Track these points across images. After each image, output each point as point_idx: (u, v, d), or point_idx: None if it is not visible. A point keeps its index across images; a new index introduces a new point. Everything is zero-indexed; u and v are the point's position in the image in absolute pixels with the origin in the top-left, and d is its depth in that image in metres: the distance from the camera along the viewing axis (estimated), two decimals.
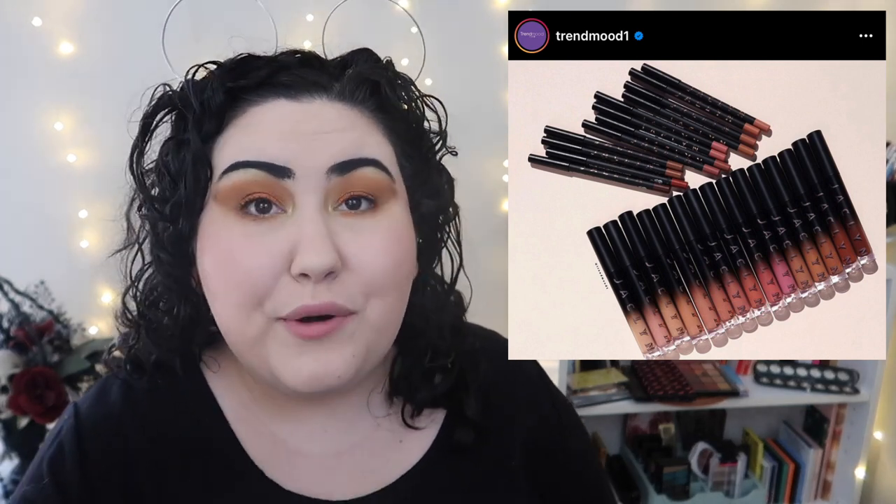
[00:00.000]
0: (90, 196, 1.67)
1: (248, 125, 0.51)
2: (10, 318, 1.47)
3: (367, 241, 0.50)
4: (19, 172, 1.66)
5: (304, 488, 0.57)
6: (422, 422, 0.61)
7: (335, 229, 0.49)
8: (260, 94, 0.51)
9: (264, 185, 0.48)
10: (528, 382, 0.68)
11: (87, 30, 1.60)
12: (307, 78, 0.52)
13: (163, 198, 0.53)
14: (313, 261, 0.47)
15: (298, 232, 0.48)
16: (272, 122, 0.50)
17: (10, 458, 1.50)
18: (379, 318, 0.51)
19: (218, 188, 0.50)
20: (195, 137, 0.51)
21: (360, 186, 0.50)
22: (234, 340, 0.52)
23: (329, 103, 0.51)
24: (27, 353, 1.44)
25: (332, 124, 0.50)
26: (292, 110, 0.50)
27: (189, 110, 0.52)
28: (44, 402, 1.39)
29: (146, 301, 0.58)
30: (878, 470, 1.98)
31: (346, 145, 0.50)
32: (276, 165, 0.48)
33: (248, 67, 0.52)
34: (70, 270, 1.66)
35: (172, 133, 0.54)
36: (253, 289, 0.48)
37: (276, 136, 0.49)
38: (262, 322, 0.49)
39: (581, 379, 1.84)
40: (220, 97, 0.51)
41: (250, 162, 0.49)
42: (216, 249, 0.50)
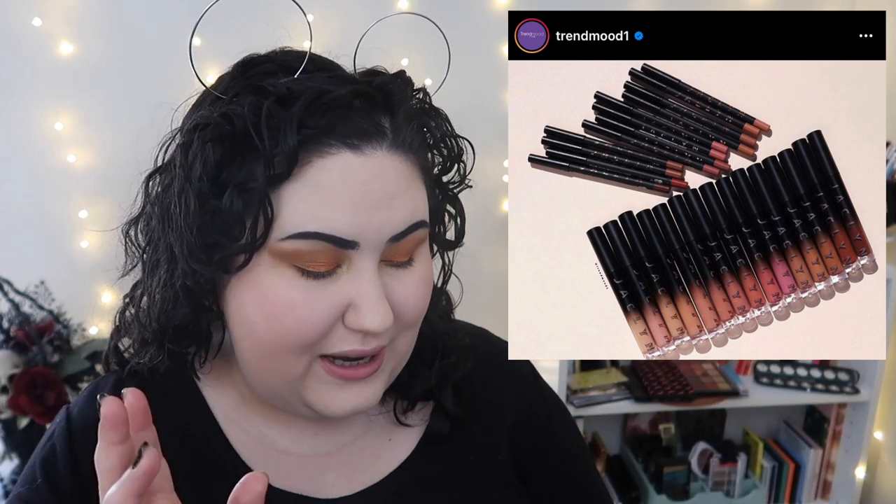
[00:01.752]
0: (90, 196, 1.67)
1: (316, 183, 0.47)
2: (10, 318, 1.47)
3: (409, 287, 0.52)
4: (19, 172, 1.66)
5: (293, 486, 0.58)
6: (413, 419, 0.62)
7: (384, 281, 0.50)
8: (324, 144, 0.47)
9: (328, 254, 0.48)
10: (517, 379, 0.68)
11: (87, 30, 1.60)
12: (365, 125, 0.49)
13: (213, 243, 0.48)
14: (377, 321, 0.49)
15: (357, 290, 0.49)
16: (340, 185, 0.47)
17: (10, 458, 1.50)
18: (406, 346, 0.55)
19: (279, 246, 0.47)
20: (262, 180, 0.46)
21: (411, 246, 0.52)
22: (267, 379, 0.53)
23: (389, 156, 0.49)
24: (27, 353, 1.44)
25: (394, 185, 0.49)
26: (357, 168, 0.48)
27: (247, 148, 0.47)
28: (44, 402, 1.39)
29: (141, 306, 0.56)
30: (878, 470, 1.98)
31: (406, 213, 0.50)
32: (345, 240, 0.48)
33: (322, 105, 0.48)
34: (70, 270, 1.66)
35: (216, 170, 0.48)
36: (311, 337, 0.49)
37: (345, 207, 0.47)
38: (306, 362, 0.51)
39: (581, 379, 1.84)
40: (294, 142, 0.46)
41: (320, 234, 0.47)
42: (270, 300, 0.48)
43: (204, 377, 0.60)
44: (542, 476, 0.66)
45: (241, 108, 0.47)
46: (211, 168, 0.47)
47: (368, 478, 0.59)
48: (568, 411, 0.72)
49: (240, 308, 0.50)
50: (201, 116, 0.48)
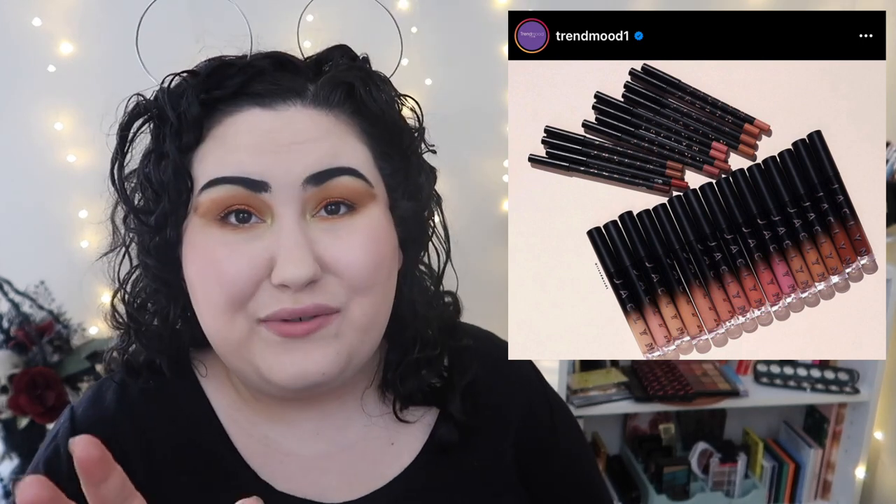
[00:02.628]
0: (90, 196, 1.66)
1: (224, 137, 0.51)
2: (10, 318, 1.47)
3: (347, 243, 0.50)
4: (19, 172, 1.66)
5: (296, 489, 0.57)
6: (413, 415, 0.61)
7: (314, 236, 0.50)
8: (235, 104, 0.51)
9: (242, 198, 0.49)
10: (522, 383, 0.67)
11: (87, 30, 1.60)
12: (281, 84, 0.52)
13: (147, 209, 0.53)
14: (292, 273, 0.48)
15: (277, 242, 0.49)
16: (247, 133, 0.50)
17: (10, 458, 1.50)
18: (363, 316, 0.52)
19: (199, 202, 0.50)
20: (174, 150, 0.51)
21: (337, 194, 0.51)
22: (219, 344, 0.53)
23: (303, 110, 0.51)
24: (27, 353, 1.44)
25: (305, 133, 0.50)
26: (266, 119, 0.50)
27: (165, 122, 0.52)
28: (44, 402, 1.39)
29: (135, 303, 0.58)
30: (878, 470, 1.98)
31: (321, 155, 0.50)
32: (252, 180, 0.49)
33: (223, 76, 0.52)
34: (70, 270, 1.65)
35: (152, 145, 0.53)
36: (234, 294, 0.49)
37: (250, 150, 0.49)
38: (245, 325, 0.50)
39: (581, 379, 1.84)
40: (195, 109, 0.51)
41: (227, 178, 0.49)
42: (198, 258, 0.51)
43: (206, 378, 0.60)
44: (545, 478, 0.66)
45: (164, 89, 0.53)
46: (151, 143, 0.53)
47: (372, 482, 0.59)
48: (571, 412, 0.72)
49: (187, 276, 0.52)
50: (137, 97, 0.54)
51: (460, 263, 0.63)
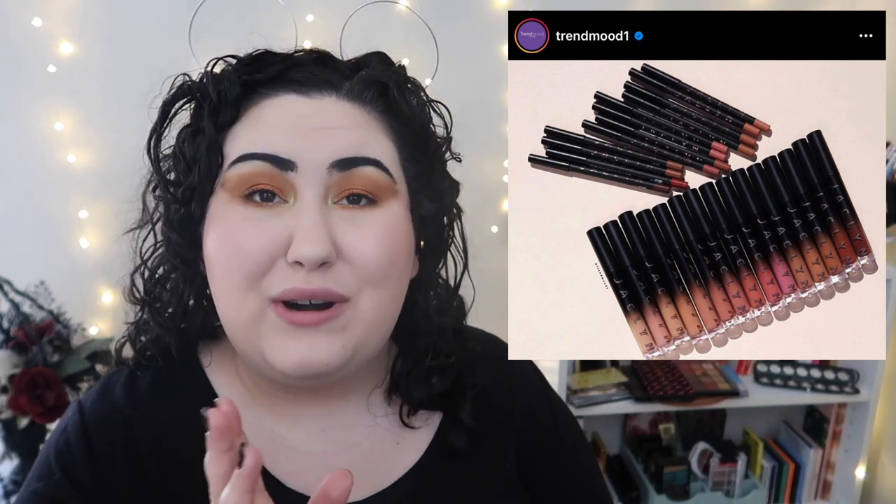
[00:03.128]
0: (90, 196, 1.67)
1: (258, 118, 0.53)
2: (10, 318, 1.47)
3: (364, 232, 0.52)
4: (19, 172, 1.66)
5: (303, 486, 0.58)
6: (418, 421, 0.61)
7: (333, 221, 0.51)
8: (273, 88, 0.54)
9: (269, 176, 0.51)
10: (525, 386, 0.68)
11: (87, 30, 1.60)
12: (319, 76, 0.54)
13: (177, 182, 0.55)
14: (309, 250, 0.49)
15: (297, 221, 0.50)
16: (280, 116, 0.53)
17: (10, 458, 1.50)
18: (372, 309, 0.53)
19: (227, 177, 0.52)
20: (210, 126, 0.53)
21: (360, 184, 0.52)
22: (229, 322, 0.54)
23: (337, 101, 0.54)
24: (27, 353, 1.44)
25: (337, 121, 0.53)
26: (301, 105, 0.53)
27: (206, 100, 0.54)
28: (44, 402, 1.39)
29: (153, 279, 0.60)
30: (878, 470, 1.98)
31: (349, 143, 0.52)
32: (280, 158, 0.51)
33: (265, 62, 0.55)
34: (70, 270, 1.66)
35: (190, 121, 0.56)
36: (250, 268, 0.50)
37: (282, 130, 0.52)
38: (256, 304, 0.51)
39: (581, 379, 1.84)
40: (236, 89, 0.54)
41: (257, 154, 0.51)
42: (219, 231, 0.52)
43: (212, 371, 0.61)
44: (545, 478, 0.66)
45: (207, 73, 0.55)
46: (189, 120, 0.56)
47: (377, 482, 0.59)
48: (571, 413, 0.72)
49: (207, 251, 0.53)
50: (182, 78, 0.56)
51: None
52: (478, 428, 0.61)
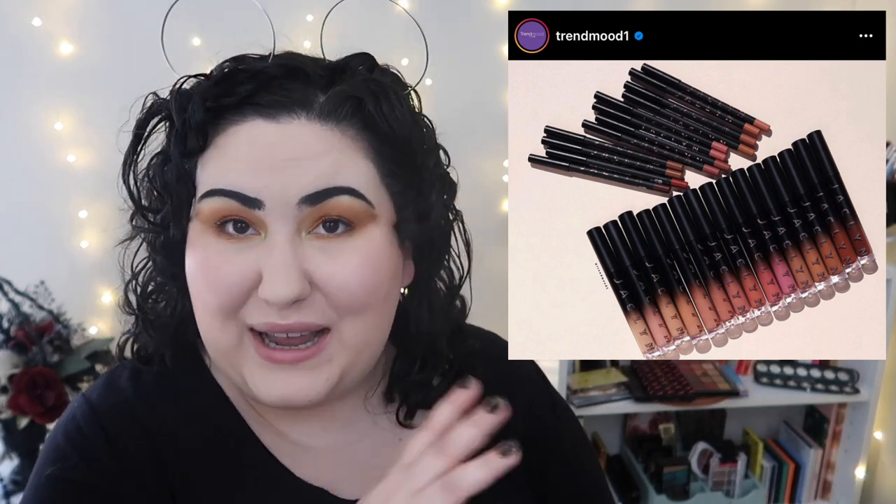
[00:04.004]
0: (90, 196, 1.67)
1: (225, 147, 0.51)
2: (10, 318, 1.47)
3: (341, 263, 0.50)
4: (19, 172, 1.66)
5: (312, 478, 0.58)
6: (416, 421, 0.61)
7: (306, 254, 0.49)
8: (240, 113, 0.51)
9: (237, 212, 0.49)
10: (526, 384, 0.68)
11: (87, 30, 1.60)
12: (290, 95, 0.51)
13: (153, 208, 0.55)
14: (277, 291, 0.48)
15: (266, 258, 0.49)
16: (246, 146, 0.50)
17: (10, 458, 1.50)
18: (355, 336, 0.52)
19: (199, 208, 0.51)
20: (177, 155, 0.52)
21: (335, 213, 0.50)
22: (211, 347, 0.54)
23: (307, 124, 0.50)
24: (27, 353, 1.44)
25: (306, 149, 0.49)
26: (268, 132, 0.50)
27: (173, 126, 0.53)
28: (44, 402, 1.39)
29: (145, 294, 0.59)
30: (878, 470, 1.98)
31: (319, 174, 0.49)
32: (247, 196, 0.49)
33: (232, 82, 0.51)
34: (70, 270, 1.66)
35: (163, 146, 0.54)
36: (224, 302, 0.50)
37: (248, 165, 0.49)
38: (235, 331, 0.51)
39: (581, 379, 1.84)
40: (200, 115, 0.51)
41: (223, 190, 0.49)
42: (196, 260, 0.51)
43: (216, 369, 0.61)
44: (548, 478, 0.66)
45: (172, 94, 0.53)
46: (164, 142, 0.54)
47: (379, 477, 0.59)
48: (573, 412, 0.72)
49: (187, 270, 0.53)
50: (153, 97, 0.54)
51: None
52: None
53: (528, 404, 0.66)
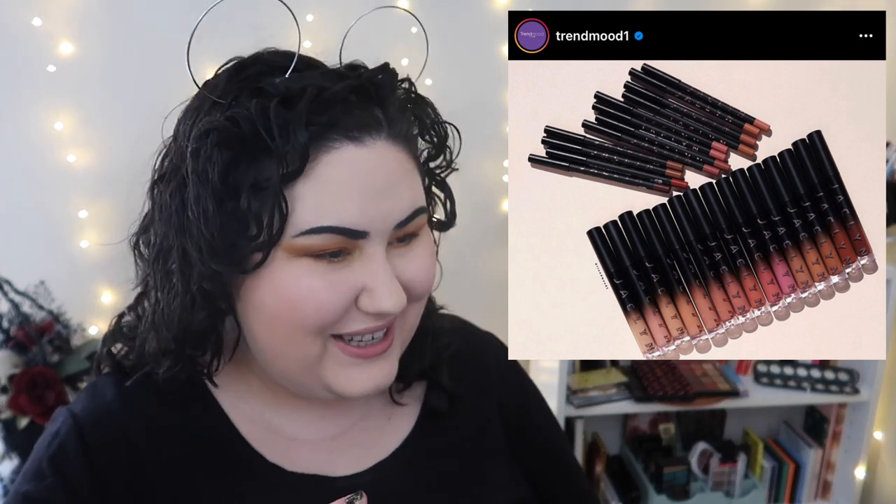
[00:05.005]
0: (90, 196, 1.67)
1: (322, 178, 0.49)
2: (10, 318, 1.47)
3: (415, 263, 0.54)
4: (19, 172, 1.66)
5: (306, 468, 0.60)
6: (406, 398, 0.65)
7: (394, 262, 0.53)
8: (328, 139, 0.49)
9: (341, 244, 0.50)
10: (496, 361, 0.71)
11: (87, 30, 1.60)
12: (364, 112, 0.51)
13: (229, 245, 0.50)
14: (391, 305, 0.51)
15: (370, 275, 0.51)
16: (348, 177, 0.49)
17: (10, 458, 1.50)
18: (414, 318, 0.58)
19: (294, 243, 0.49)
20: (276, 182, 0.48)
21: (412, 230, 0.54)
22: (286, 364, 0.54)
23: (387, 146, 0.52)
24: (27, 353, 1.44)
25: (395, 175, 0.52)
26: (361, 159, 0.50)
27: (260, 147, 0.48)
28: (44, 402, 1.39)
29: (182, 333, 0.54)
30: (878, 470, 1.98)
31: (408, 200, 0.53)
32: (356, 231, 0.50)
33: (321, 103, 0.49)
34: (70, 270, 1.66)
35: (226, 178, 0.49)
36: (326, 320, 0.51)
37: (353, 198, 0.49)
38: (321, 343, 0.53)
39: (581, 379, 1.84)
40: (304, 138, 0.48)
41: (331, 227, 0.49)
42: (290, 291, 0.50)
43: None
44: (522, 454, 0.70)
45: (247, 111, 0.48)
46: (222, 171, 0.49)
47: (376, 455, 0.62)
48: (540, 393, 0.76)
49: (259, 304, 0.52)
50: (208, 122, 0.49)
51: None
52: (456, 389, 0.66)
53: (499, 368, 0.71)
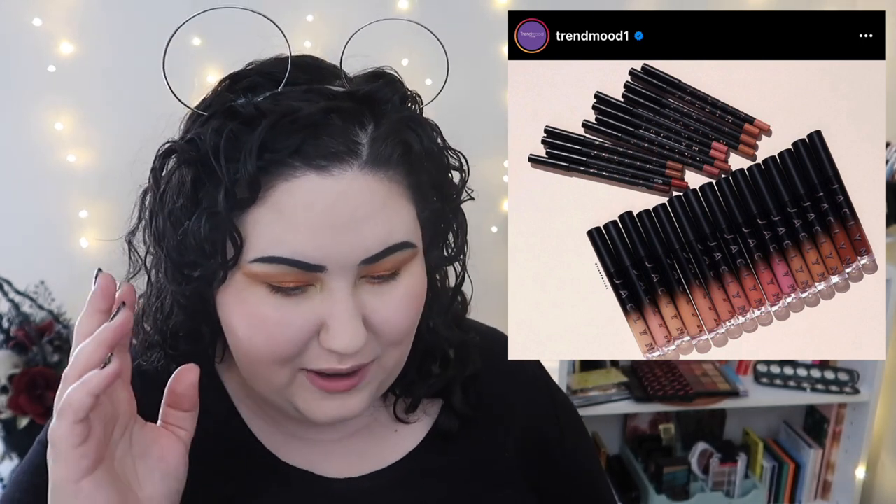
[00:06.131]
0: (90, 196, 1.67)
1: (279, 206, 0.47)
2: (10, 318, 1.47)
3: (390, 304, 0.51)
4: (19, 172, 1.66)
5: (305, 464, 0.60)
6: (415, 416, 0.62)
7: (362, 300, 0.50)
8: (290, 166, 0.47)
9: (298, 276, 0.48)
10: (528, 381, 0.68)
11: (87, 30, 1.60)
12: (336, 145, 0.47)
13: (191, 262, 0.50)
14: (347, 343, 0.49)
15: (329, 310, 0.49)
16: (305, 209, 0.47)
17: (10, 458, 1.50)
18: (394, 362, 0.55)
19: (249, 269, 0.48)
20: (225, 209, 0.47)
21: (389, 267, 0.50)
22: (257, 384, 0.54)
23: (360, 175, 0.48)
24: (27, 353, 1.44)
25: (363, 208, 0.48)
26: (325, 192, 0.47)
27: (209, 173, 0.48)
28: (44, 402, 1.39)
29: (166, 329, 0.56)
30: (878, 470, 1.98)
31: (378, 234, 0.48)
32: (309, 264, 0.47)
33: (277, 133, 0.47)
34: (70, 270, 1.66)
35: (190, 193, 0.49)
36: (283, 354, 0.50)
37: (309, 230, 0.47)
38: (289, 373, 0.52)
39: (581, 379, 1.84)
40: (253, 169, 0.46)
41: (284, 259, 0.47)
42: (244, 313, 0.50)
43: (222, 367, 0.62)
44: (550, 475, 0.67)
45: (207, 132, 0.47)
46: (187, 190, 0.49)
47: (374, 464, 0.61)
48: (579, 416, 0.72)
49: (225, 319, 0.52)
50: (172, 141, 0.50)
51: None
52: (472, 416, 0.62)
53: (530, 401, 0.67)
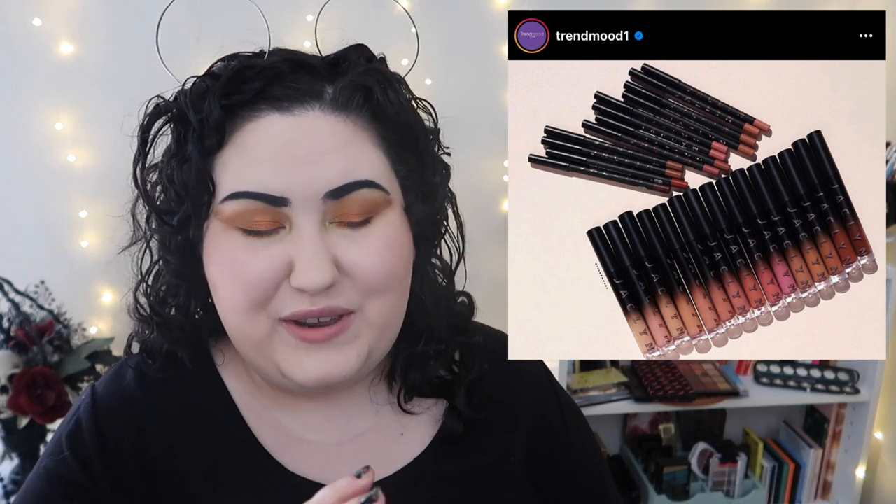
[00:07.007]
0: (90, 196, 1.67)
1: (244, 146, 0.51)
2: (10, 318, 1.47)
3: (364, 249, 0.52)
4: (19, 172, 1.66)
5: (307, 473, 0.59)
6: (418, 407, 0.62)
7: (333, 241, 0.51)
8: (254, 109, 0.52)
9: (263, 212, 0.50)
10: (533, 383, 0.68)
11: (87, 30, 1.60)
12: (300, 88, 0.52)
13: (169, 210, 0.54)
14: (313, 279, 0.50)
15: (297, 249, 0.50)
16: (266, 144, 0.51)
17: (10, 458, 1.50)
18: (379, 316, 0.54)
19: (220, 209, 0.52)
20: (196, 154, 0.52)
21: (356, 208, 0.52)
22: (240, 341, 0.55)
23: (322, 115, 0.52)
24: (27, 353, 1.44)
25: (324, 144, 0.51)
26: (286, 128, 0.51)
27: (186, 124, 0.53)
28: (44, 402, 1.39)
29: (157, 297, 0.59)
30: (878, 470, 1.98)
31: (341, 169, 0.51)
32: (273, 196, 0.50)
33: (242, 79, 0.52)
34: (70, 270, 1.66)
35: (174, 146, 0.54)
36: (255, 295, 0.51)
37: (270, 163, 0.50)
38: (266, 323, 0.52)
39: (581, 379, 1.84)
40: (217, 113, 0.51)
41: (248, 193, 0.50)
42: (220, 260, 0.52)
43: (223, 365, 0.62)
44: (556, 478, 0.67)
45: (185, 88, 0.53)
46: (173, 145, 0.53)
47: (381, 470, 0.60)
48: (584, 417, 0.72)
49: (209, 274, 0.54)
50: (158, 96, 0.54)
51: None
52: (478, 419, 0.62)
53: (536, 406, 0.67)
